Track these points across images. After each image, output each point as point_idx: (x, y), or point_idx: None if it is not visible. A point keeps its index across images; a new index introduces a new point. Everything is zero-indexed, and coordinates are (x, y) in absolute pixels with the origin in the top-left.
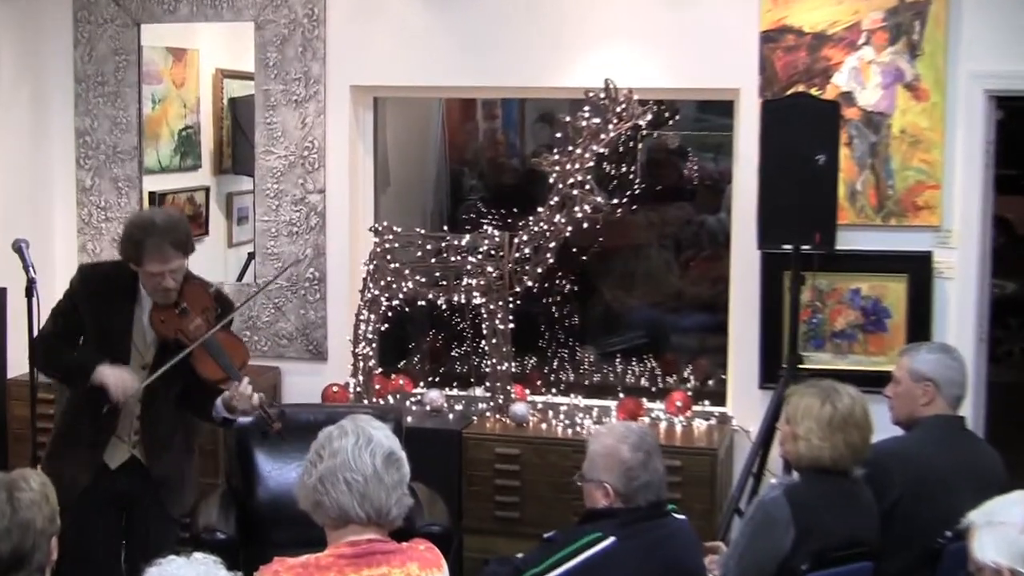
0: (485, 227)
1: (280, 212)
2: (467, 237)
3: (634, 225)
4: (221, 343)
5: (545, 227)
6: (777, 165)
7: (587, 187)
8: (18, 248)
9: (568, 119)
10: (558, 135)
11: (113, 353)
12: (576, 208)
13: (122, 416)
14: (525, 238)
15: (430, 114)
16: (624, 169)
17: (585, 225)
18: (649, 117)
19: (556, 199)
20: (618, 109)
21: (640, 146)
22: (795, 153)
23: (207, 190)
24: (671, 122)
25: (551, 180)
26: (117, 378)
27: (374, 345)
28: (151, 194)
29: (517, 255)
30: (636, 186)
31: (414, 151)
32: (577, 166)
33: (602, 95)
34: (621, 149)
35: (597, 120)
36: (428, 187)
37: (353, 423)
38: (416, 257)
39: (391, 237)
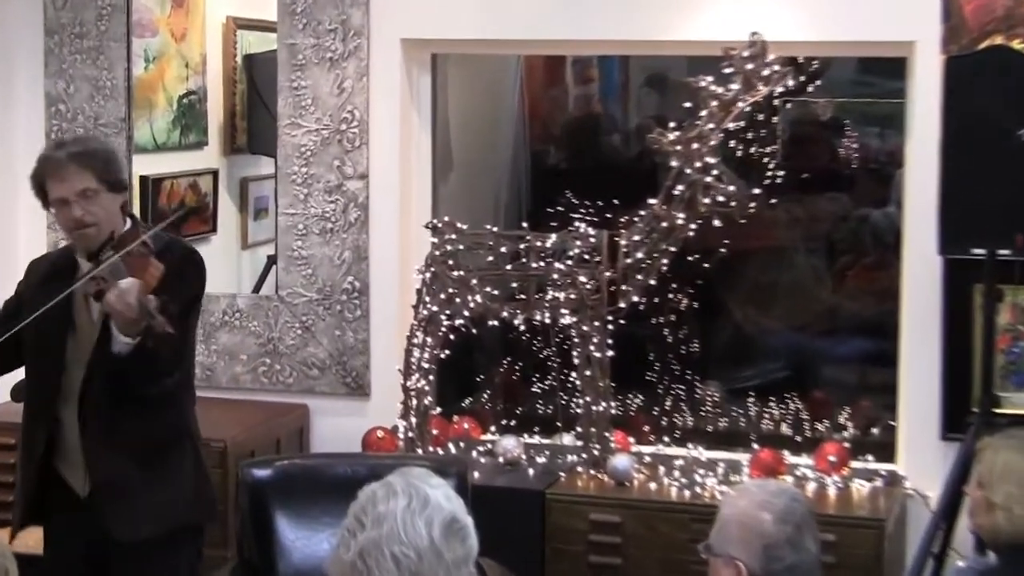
0: (577, 224)
1: (310, 203)
2: (553, 237)
3: (773, 222)
4: (127, 266)
5: (660, 224)
6: (965, 143)
7: (716, 172)
8: None
9: (703, 83)
10: (687, 105)
11: (47, 342)
12: (703, 200)
13: (62, 440)
14: (636, 238)
15: (505, 77)
16: (759, 148)
17: (716, 223)
18: (791, 82)
19: (681, 188)
20: (764, 72)
21: (777, 118)
22: (989, 126)
23: (215, 174)
24: (810, 87)
25: (673, 163)
26: None
27: (431, 377)
28: (143, 179)
29: (628, 261)
30: (775, 171)
31: (484, 125)
32: (705, 145)
33: (745, 53)
34: (744, 123)
35: (735, 86)
36: (502, 171)
37: (403, 480)
38: (487, 263)
39: (454, 236)
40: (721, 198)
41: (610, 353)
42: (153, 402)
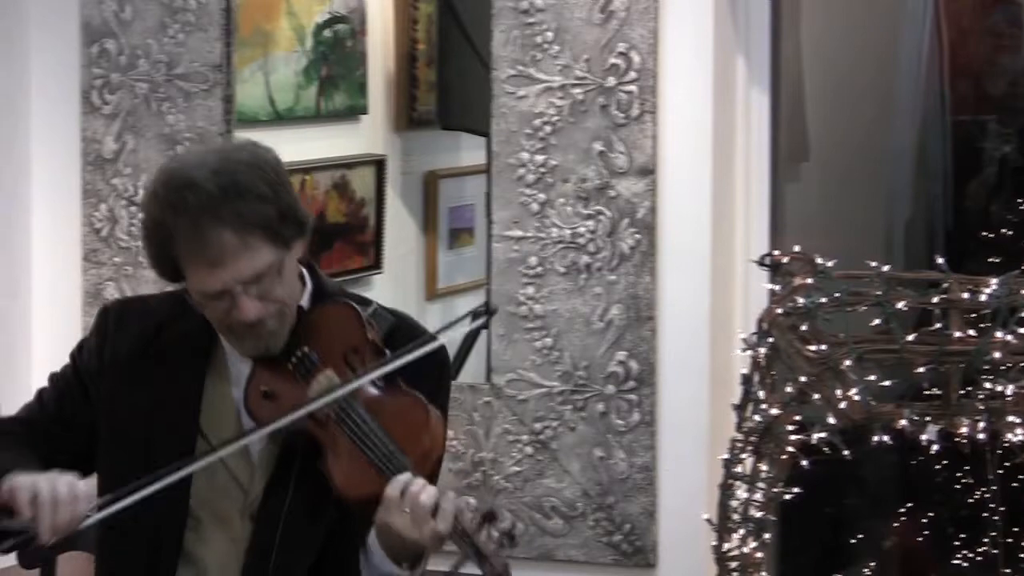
0: None
1: (550, 219)
2: (994, 283)
3: None
4: (376, 412)
5: None
6: None
7: None
8: None
9: None
10: None
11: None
12: None
13: None
14: None
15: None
16: None
17: None
18: None
19: None
20: None
21: None
22: None
23: (379, 165)
24: None
25: None
26: (45, 488)
27: (768, 537)
28: None
29: None
30: None
31: (865, 80)
32: None
33: None
34: None
35: None
36: (898, 164)
37: None
38: (872, 329)
39: (812, 281)
40: None
41: None
42: None
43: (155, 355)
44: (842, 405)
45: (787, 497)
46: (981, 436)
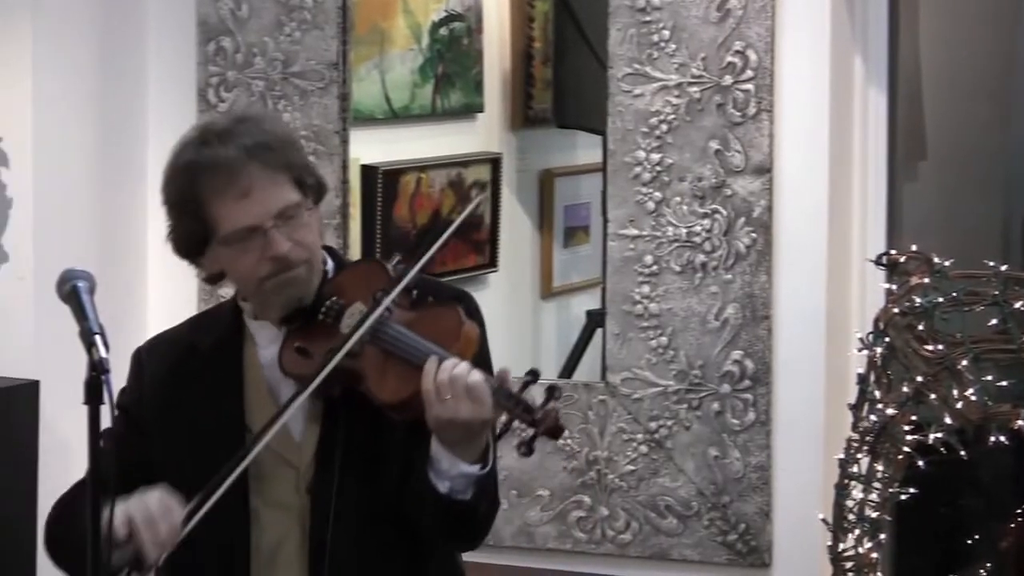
0: None
1: (665, 218)
2: None
3: None
4: (410, 324)
5: None
6: None
7: None
8: (72, 290)
9: None
10: None
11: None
12: None
13: None
14: None
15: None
16: None
17: None
18: None
19: None
20: None
21: None
22: None
23: (495, 163)
24: None
25: None
26: (137, 509)
27: (882, 537)
28: (366, 170)
29: None
30: None
31: (984, 78)
32: None
33: None
34: None
35: None
36: (1016, 163)
37: None
38: (990, 330)
39: (928, 280)
40: None
41: None
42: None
43: (191, 372)
44: (959, 405)
45: (903, 497)
46: None
